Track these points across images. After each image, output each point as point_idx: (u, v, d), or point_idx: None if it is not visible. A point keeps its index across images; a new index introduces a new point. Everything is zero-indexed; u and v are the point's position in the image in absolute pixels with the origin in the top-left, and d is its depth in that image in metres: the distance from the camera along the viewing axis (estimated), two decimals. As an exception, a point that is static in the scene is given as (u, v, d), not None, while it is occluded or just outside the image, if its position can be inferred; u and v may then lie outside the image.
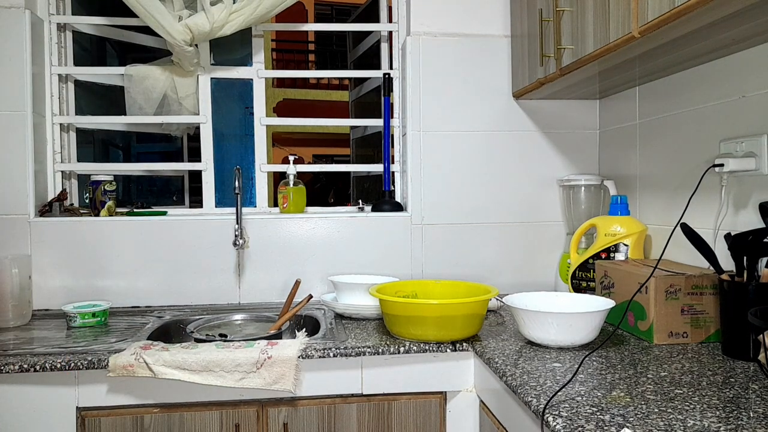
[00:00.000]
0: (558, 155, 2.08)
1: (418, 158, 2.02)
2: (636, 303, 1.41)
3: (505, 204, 2.06)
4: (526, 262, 2.07)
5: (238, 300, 1.97)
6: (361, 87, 2.62)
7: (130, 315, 1.80)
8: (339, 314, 1.72)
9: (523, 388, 1.09)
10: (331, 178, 9.65)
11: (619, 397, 1.02)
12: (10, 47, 1.84)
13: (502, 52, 2.03)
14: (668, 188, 1.70)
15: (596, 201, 1.99)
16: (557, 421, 0.93)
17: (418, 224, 2.02)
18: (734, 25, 1.17)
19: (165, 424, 1.37)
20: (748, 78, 1.38)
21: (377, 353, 1.40)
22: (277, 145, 10.22)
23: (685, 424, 0.90)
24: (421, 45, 2.01)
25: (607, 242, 1.74)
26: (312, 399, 1.41)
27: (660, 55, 1.42)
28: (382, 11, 2.22)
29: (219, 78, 2.10)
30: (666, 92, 1.69)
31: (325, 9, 12.27)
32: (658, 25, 1.15)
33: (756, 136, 1.35)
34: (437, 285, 1.68)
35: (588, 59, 1.44)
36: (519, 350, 1.34)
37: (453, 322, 1.40)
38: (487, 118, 2.05)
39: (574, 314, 1.32)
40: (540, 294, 1.53)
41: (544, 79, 1.71)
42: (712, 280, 1.37)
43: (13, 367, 1.29)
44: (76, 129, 2.12)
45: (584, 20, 1.44)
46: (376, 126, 2.24)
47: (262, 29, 2.09)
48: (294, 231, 1.98)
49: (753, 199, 1.37)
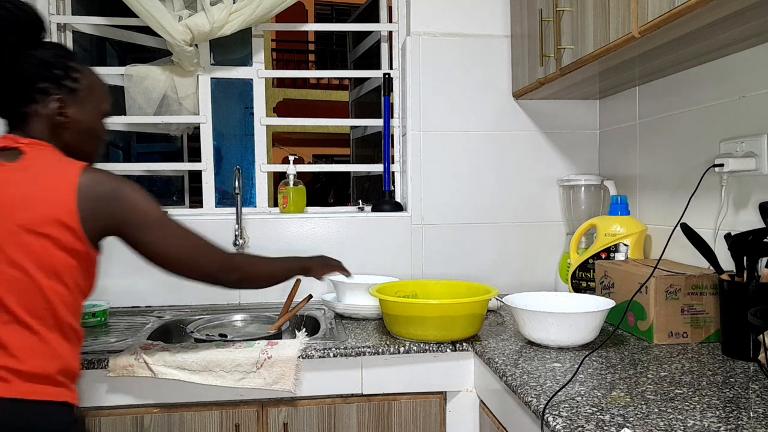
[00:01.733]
0: (558, 155, 2.08)
1: (418, 158, 2.02)
2: (636, 303, 1.41)
3: (505, 204, 2.06)
4: (526, 262, 2.07)
5: (238, 300, 1.97)
6: (361, 87, 2.62)
7: (130, 315, 1.80)
8: (339, 314, 1.72)
9: (523, 388, 1.09)
10: (331, 178, 9.65)
11: (619, 397, 1.02)
12: (10, 47, 1.84)
13: (502, 52, 2.03)
14: (668, 188, 1.70)
15: (596, 201, 1.99)
16: (557, 421, 0.93)
17: (418, 224, 2.02)
18: (734, 25, 1.17)
19: (165, 424, 1.37)
20: (748, 78, 1.38)
21: (377, 353, 1.40)
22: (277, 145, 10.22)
23: (685, 424, 0.90)
24: (421, 45, 2.01)
25: (607, 242, 1.74)
26: (312, 399, 1.41)
27: (660, 55, 1.42)
28: (382, 11, 2.22)
29: (219, 78, 2.10)
30: (666, 92, 1.69)
31: (325, 9, 12.27)
32: (658, 25, 1.15)
33: (756, 136, 1.35)
34: (437, 285, 1.68)
35: (588, 59, 1.44)
36: (519, 350, 1.34)
37: (453, 322, 1.40)
38: (487, 118, 2.04)
39: (574, 314, 1.32)
40: (540, 294, 1.53)
41: (544, 79, 1.71)
42: (712, 280, 1.37)
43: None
44: (76, 129, 2.11)
45: (584, 20, 1.44)
46: (376, 126, 2.24)
47: (262, 29, 2.09)
48: (294, 231, 1.98)
49: (753, 199, 1.37)
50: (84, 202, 1.04)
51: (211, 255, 1.21)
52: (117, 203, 1.08)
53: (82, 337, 1.12)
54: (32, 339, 1.02)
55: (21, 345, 1.00)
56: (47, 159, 1.08)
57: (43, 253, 1.02)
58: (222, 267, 1.22)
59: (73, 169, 1.06)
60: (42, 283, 1.02)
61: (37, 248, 1.01)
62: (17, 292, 1.01)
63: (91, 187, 1.05)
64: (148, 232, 1.12)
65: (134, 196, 1.11)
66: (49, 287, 1.02)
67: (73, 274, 1.06)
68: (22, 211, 1.01)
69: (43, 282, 1.02)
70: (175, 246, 1.15)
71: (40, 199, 1.02)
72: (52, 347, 1.04)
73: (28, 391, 1.00)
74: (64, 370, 1.05)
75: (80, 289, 1.09)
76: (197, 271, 1.20)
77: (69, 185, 1.04)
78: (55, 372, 1.03)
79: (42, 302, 1.02)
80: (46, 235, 1.01)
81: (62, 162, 1.09)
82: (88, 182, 1.05)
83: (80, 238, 1.04)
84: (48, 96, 1.11)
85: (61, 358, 1.05)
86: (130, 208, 1.10)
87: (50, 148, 1.11)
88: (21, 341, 1.01)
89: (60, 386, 1.04)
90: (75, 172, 1.06)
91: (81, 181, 1.05)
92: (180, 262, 1.17)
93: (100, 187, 1.07)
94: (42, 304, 1.02)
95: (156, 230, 1.13)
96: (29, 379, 1.00)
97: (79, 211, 1.03)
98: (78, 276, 1.07)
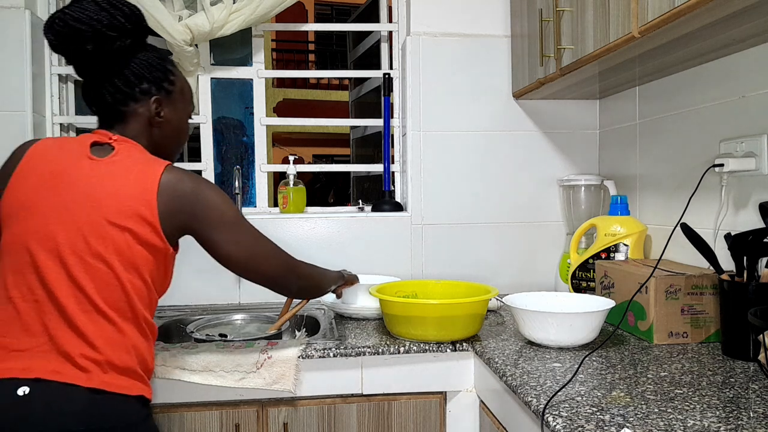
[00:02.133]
0: (558, 155, 2.08)
1: (418, 158, 2.02)
2: (636, 303, 1.41)
3: (505, 204, 2.06)
4: (526, 262, 2.07)
5: (238, 300, 1.97)
6: (361, 87, 2.62)
7: (130, 315, 1.80)
8: (339, 314, 1.72)
9: (523, 388, 1.09)
10: (331, 178, 9.65)
11: (619, 397, 1.02)
12: (10, 47, 1.84)
13: (502, 52, 2.03)
14: (668, 188, 1.70)
15: (596, 201, 1.99)
16: (557, 421, 0.93)
17: (418, 224, 2.02)
18: (734, 25, 1.17)
19: (165, 424, 1.36)
20: (748, 78, 1.38)
21: (377, 353, 1.40)
22: (277, 145, 10.23)
23: (685, 424, 0.90)
24: (421, 45, 2.01)
25: (607, 242, 1.74)
26: (312, 399, 1.41)
27: (660, 55, 1.42)
28: (382, 11, 2.22)
29: (219, 78, 2.10)
30: (666, 92, 1.69)
31: (325, 9, 12.27)
32: (658, 25, 1.15)
33: (756, 136, 1.35)
34: (437, 285, 1.68)
35: (588, 59, 1.44)
36: (519, 350, 1.34)
37: (453, 322, 1.40)
38: (487, 118, 2.04)
39: (574, 314, 1.32)
40: (540, 294, 1.53)
41: (544, 79, 1.71)
42: (712, 280, 1.37)
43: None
44: (76, 129, 2.12)
45: (584, 20, 1.44)
46: (376, 126, 2.24)
47: (262, 29, 2.09)
48: (294, 231, 1.98)
49: (753, 199, 1.37)
50: (164, 199, 1.08)
51: (278, 262, 1.26)
52: (195, 201, 1.12)
53: (156, 333, 1.15)
54: (111, 330, 1.05)
55: (100, 335, 1.03)
56: (134, 156, 1.13)
57: (124, 246, 1.06)
58: (286, 274, 1.28)
59: (157, 167, 1.11)
60: (121, 276, 1.06)
61: (119, 241, 1.05)
62: (98, 283, 1.04)
63: (172, 184, 1.10)
64: (221, 233, 1.16)
65: (213, 196, 1.15)
66: (128, 280, 1.06)
67: (149, 269, 1.10)
68: (108, 205, 1.06)
69: (122, 275, 1.06)
70: (244, 248, 1.19)
71: (124, 194, 1.07)
72: (130, 339, 1.06)
73: (106, 383, 1.02)
74: (140, 363, 1.08)
75: (156, 285, 1.13)
76: (262, 275, 1.24)
77: (152, 182, 1.08)
78: (132, 364, 1.06)
79: (121, 294, 1.06)
80: (127, 229, 1.06)
81: (148, 160, 1.13)
82: (170, 180, 1.10)
83: (158, 234, 1.08)
84: (149, 96, 1.19)
85: (138, 351, 1.08)
86: (207, 207, 1.14)
87: (137, 146, 1.16)
88: (100, 331, 1.04)
89: (137, 379, 1.07)
90: (159, 170, 1.10)
91: (163, 178, 1.09)
92: (247, 265, 1.21)
93: (180, 185, 1.11)
94: (121, 297, 1.06)
95: (228, 231, 1.17)
96: (107, 370, 1.03)
97: (158, 208, 1.08)
98: (154, 272, 1.11)
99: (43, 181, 1.08)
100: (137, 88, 1.17)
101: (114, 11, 1.10)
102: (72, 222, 1.05)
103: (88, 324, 1.03)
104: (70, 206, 1.06)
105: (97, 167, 1.09)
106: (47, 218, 1.06)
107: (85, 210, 1.05)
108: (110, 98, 1.16)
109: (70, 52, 1.12)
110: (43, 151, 1.12)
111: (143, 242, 1.07)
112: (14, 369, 1.00)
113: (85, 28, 1.08)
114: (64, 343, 1.01)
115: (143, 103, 1.18)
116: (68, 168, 1.09)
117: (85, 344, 1.02)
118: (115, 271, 1.05)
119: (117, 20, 1.11)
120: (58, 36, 1.10)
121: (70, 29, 1.09)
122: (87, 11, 1.09)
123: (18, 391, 0.98)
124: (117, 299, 1.05)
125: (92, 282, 1.04)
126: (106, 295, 1.05)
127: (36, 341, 1.02)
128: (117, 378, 1.03)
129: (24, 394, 0.98)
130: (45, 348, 1.02)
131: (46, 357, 1.01)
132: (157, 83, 1.20)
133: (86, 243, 1.04)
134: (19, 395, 0.98)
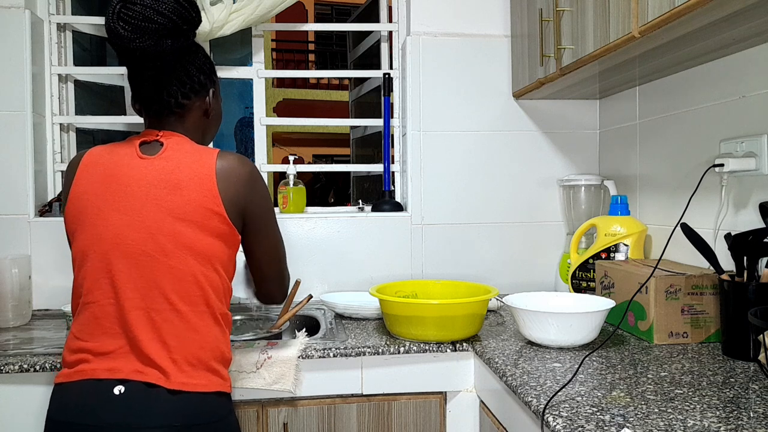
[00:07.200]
0: (558, 155, 2.08)
1: (418, 158, 2.02)
2: (636, 303, 1.41)
3: (505, 204, 2.06)
4: (526, 262, 2.07)
5: (238, 300, 1.96)
6: (361, 87, 2.62)
7: (130, 315, 1.80)
8: (339, 314, 1.72)
9: (523, 388, 1.09)
10: (331, 178, 9.66)
11: (619, 397, 1.02)
12: (10, 47, 1.84)
13: (502, 52, 2.03)
14: (668, 188, 1.70)
15: (596, 201, 1.99)
16: (557, 421, 0.93)
17: (418, 224, 2.02)
18: (734, 25, 1.17)
19: (165, 424, 1.36)
20: (748, 78, 1.38)
21: (377, 353, 1.40)
22: (277, 145, 10.23)
23: (685, 424, 0.90)
24: (421, 45, 2.01)
25: (607, 242, 1.74)
26: (312, 399, 1.41)
27: (660, 55, 1.42)
28: (382, 11, 2.22)
29: (219, 78, 2.09)
30: (666, 92, 1.69)
31: (325, 9, 12.27)
32: (658, 25, 1.15)
33: (756, 136, 1.35)
34: (437, 285, 1.68)
35: (588, 59, 1.44)
36: (519, 350, 1.34)
37: (453, 322, 1.40)
38: (487, 118, 2.04)
39: (574, 314, 1.32)
40: (540, 294, 1.53)
41: (544, 79, 1.71)
42: (712, 280, 1.37)
43: (13, 368, 1.29)
44: (76, 129, 2.12)
45: (584, 20, 1.44)
46: (376, 126, 2.24)
47: (262, 29, 2.09)
48: (294, 231, 1.98)
49: (753, 199, 1.37)
50: (224, 186, 1.09)
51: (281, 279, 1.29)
52: (252, 187, 1.14)
53: (231, 323, 1.16)
54: (185, 327, 1.05)
55: (176, 334, 1.04)
56: (184, 148, 1.13)
57: (194, 239, 1.06)
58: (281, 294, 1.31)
59: (210, 155, 1.11)
60: (195, 270, 1.06)
61: (188, 235, 1.06)
62: (172, 280, 1.05)
63: (228, 170, 1.11)
64: (264, 224, 1.18)
65: (264, 185, 1.18)
66: (201, 273, 1.07)
67: (221, 259, 1.10)
68: (170, 200, 1.06)
69: (195, 268, 1.06)
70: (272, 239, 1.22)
71: (185, 187, 1.07)
72: (205, 334, 1.07)
73: (182, 383, 1.03)
74: (217, 356, 1.08)
75: (228, 274, 1.14)
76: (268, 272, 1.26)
77: (209, 171, 1.09)
78: (208, 359, 1.06)
79: (195, 288, 1.06)
80: (194, 222, 1.06)
81: (199, 149, 1.14)
82: (225, 166, 1.11)
83: (225, 222, 1.09)
84: (206, 89, 1.22)
85: (214, 345, 1.08)
86: (261, 195, 1.17)
87: (184, 138, 1.16)
88: (175, 330, 1.05)
89: (215, 374, 1.07)
90: (212, 158, 1.11)
91: (218, 165, 1.10)
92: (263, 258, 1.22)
93: (237, 171, 1.12)
94: (195, 291, 1.06)
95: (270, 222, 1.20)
96: (184, 369, 1.04)
97: (221, 195, 1.08)
98: (226, 261, 1.12)
99: (103, 187, 1.08)
100: (198, 82, 1.19)
101: (187, 5, 1.10)
102: (139, 222, 1.06)
103: (163, 324, 1.04)
104: (135, 206, 1.06)
105: (151, 165, 1.09)
106: (113, 222, 1.06)
107: (148, 209, 1.06)
108: (176, 93, 1.16)
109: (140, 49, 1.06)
110: (96, 159, 1.12)
111: (213, 233, 1.08)
112: (103, 370, 1.02)
113: (166, 22, 1.06)
114: (142, 345, 1.03)
115: (202, 95, 1.21)
116: (123, 169, 1.09)
117: (160, 344, 1.03)
118: (188, 265, 1.06)
119: (189, 14, 1.10)
120: (137, 30, 1.04)
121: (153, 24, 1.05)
122: (166, 4, 1.06)
123: (114, 390, 1.01)
124: (191, 294, 1.06)
125: (165, 279, 1.05)
126: (180, 291, 1.05)
127: (117, 343, 1.04)
128: (192, 377, 1.04)
129: (120, 393, 1.01)
130: (126, 350, 1.04)
131: (128, 358, 1.03)
132: (210, 75, 1.23)
133: (155, 241, 1.05)
134: (115, 394, 1.01)
